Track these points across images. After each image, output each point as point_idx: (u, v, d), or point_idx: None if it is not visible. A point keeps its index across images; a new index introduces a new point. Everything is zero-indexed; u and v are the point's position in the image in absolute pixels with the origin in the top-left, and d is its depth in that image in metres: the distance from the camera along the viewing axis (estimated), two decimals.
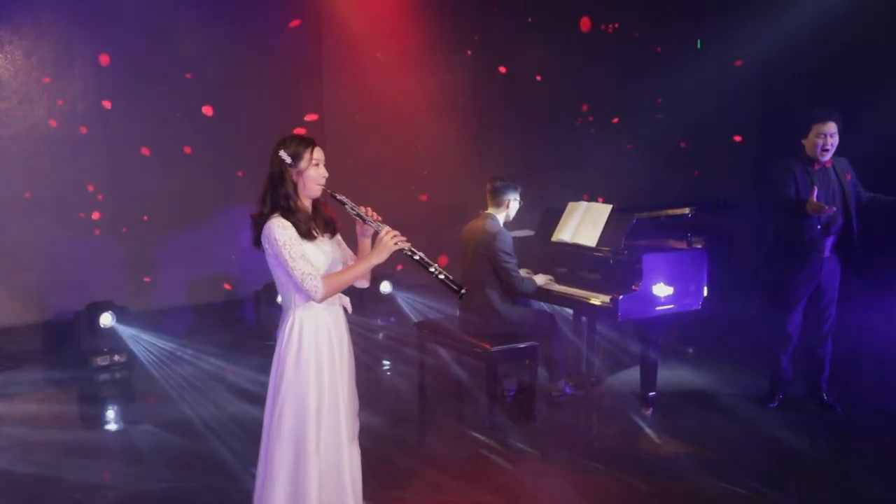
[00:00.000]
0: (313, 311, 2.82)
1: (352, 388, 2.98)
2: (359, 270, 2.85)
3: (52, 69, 6.35)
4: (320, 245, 2.83)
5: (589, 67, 8.16)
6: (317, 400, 2.78)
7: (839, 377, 5.30)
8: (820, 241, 4.73)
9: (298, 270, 2.71)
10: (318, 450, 2.78)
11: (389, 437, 4.55)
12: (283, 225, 2.74)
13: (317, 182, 2.84)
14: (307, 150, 2.83)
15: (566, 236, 5.30)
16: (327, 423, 2.81)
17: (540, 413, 4.90)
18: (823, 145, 4.66)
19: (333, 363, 2.84)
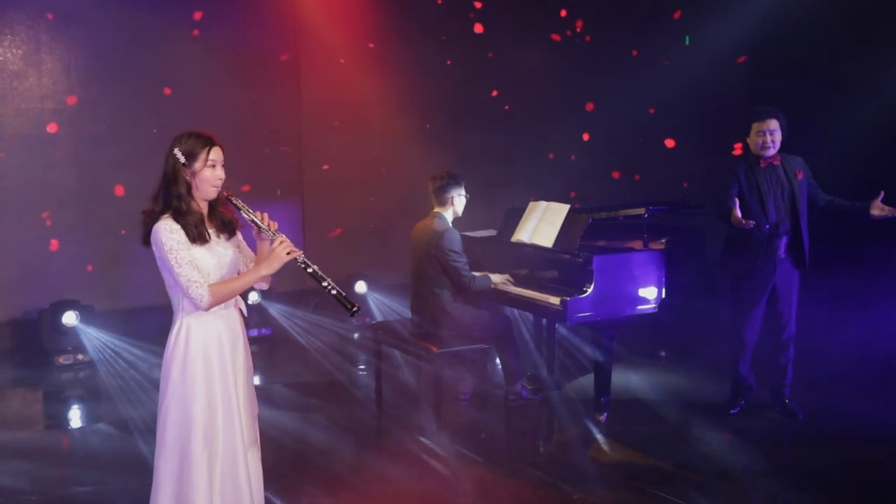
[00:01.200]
0: (202, 317, 2.72)
1: (249, 393, 2.89)
2: (247, 280, 2.74)
3: (20, 65, 6.36)
4: (213, 248, 2.73)
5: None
6: (205, 408, 2.68)
7: (807, 382, 5.17)
8: (770, 242, 4.59)
9: (184, 277, 2.61)
10: (206, 459, 2.67)
11: (331, 442, 4.48)
12: (171, 228, 2.63)
13: (211, 184, 2.73)
14: (203, 149, 2.72)
15: (525, 236, 5.18)
16: (223, 431, 2.71)
17: (491, 417, 4.81)
18: (763, 143, 4.55)
19: (225, 369, 2.74)
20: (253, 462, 2.87)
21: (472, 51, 8.13)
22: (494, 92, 8.27)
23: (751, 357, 4.86)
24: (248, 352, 2.91)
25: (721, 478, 4.01)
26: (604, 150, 8.36)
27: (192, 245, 2.66)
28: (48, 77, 6.48)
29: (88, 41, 6.57)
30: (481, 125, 8.12)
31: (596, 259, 4.53)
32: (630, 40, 8.36)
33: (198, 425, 2.66)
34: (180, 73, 6.96)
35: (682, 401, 5.14)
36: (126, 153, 6.69)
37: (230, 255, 2.79)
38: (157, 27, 6.82)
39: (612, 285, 4.55)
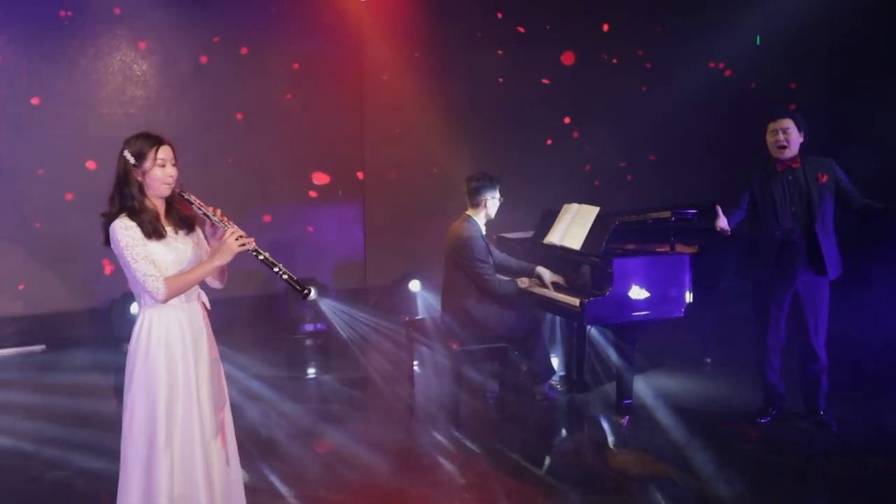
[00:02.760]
0: (163, 310, 2.83)
1: (214, 386, 2.96)
2: (202, 271, 2.84)
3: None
4: (171, 244, 2.85)
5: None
6: (167, 398, 2.80)
7: (845, 393, 4.99)
8: (786, 249, 4.47)
9: (140, 272, 2.73)
10: (169, 447, 2.79)
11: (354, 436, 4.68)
12: (126, 226, 2.76)
13: (163, 182, 2.84)
14: (151, 149, 2.82)
15: (555, 238, 5.23)
16: (181, 421, 2.81)
17: (513, 416, 4.88)
18: (777, 142, 4.44)
19: (187, 360, 2.85)
20: (215, 453, 2.93)
21: (525, 57, 8.26)
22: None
23: (779, 365, 4.73)
24: (212, 344, 2.99)
25: (734, 488, 3.94)
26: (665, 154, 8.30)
27: (148, 241, 2.79)
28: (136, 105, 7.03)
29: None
30: (535, 127, 8.24)
31: (616, 262, 4.53)
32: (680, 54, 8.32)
33: (161, 413, 2.78)
34: (252, 84, 7.42)
35: (714, 408, 5.07)
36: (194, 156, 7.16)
37: (189, 251, 2.90)
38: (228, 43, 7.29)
39: (633, 288, 4.54)
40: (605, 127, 8.28)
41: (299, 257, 7.75)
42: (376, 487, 3.95)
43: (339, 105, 7.86)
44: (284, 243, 7.71)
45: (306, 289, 2.87)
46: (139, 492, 2.80)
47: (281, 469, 4.15)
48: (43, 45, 6.62)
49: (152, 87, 7.11)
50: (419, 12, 7.93)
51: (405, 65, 7.97)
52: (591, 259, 4.75)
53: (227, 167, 7.38)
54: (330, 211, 7.93)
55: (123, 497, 2.83)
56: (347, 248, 8.08)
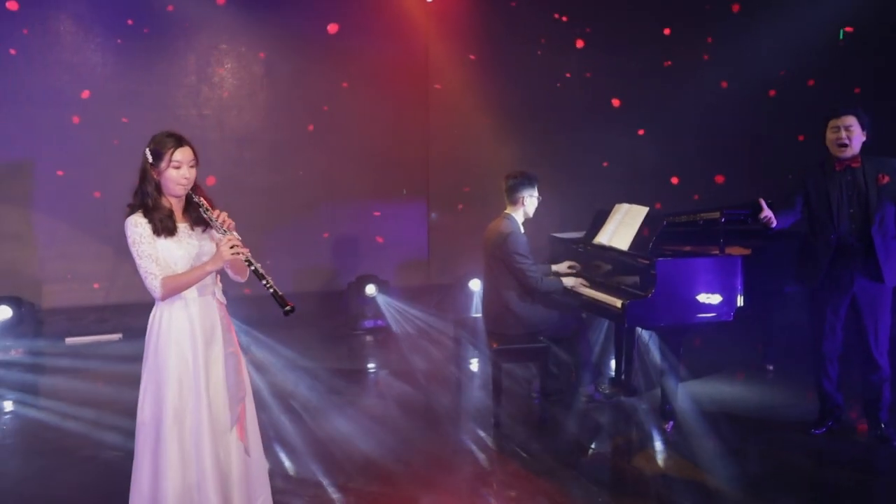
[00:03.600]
0: (175, 304, 2.92)
1: (231, 379, 3.01)
2: (197, 274, 2.89)
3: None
4: (182, 241, 2.93)
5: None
6: (176, 390, 2.88)
7: None
8: (843, 252, 4.25)
9: (143, 269, 2.84)
10: (176, 437, 2.87)
11: (396, 430, 4.75)
12: (137, 223, 2.86)
13: (177, 182, 2.90)
14: (168, 151, 2.89)
15: (604, 238, 5.15)
16: (191, 414, 2.88)
17: (555, 416, 4.83)
18: (839, 139, 4.21)
19: (197, 355, 2.91)
20: (233, 444, 3.00)
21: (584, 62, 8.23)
22: (616, 101, 8.26)
23: (836, 374, 4.51)
24: (229, 339, 3.04)
25: (774, 501, 3.80)
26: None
27: (157, 238, 2.87)
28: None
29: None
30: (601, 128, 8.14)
31: (659, 262, 4.42)
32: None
33: (168, 405, 2.88)
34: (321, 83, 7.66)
35: (769, 417, 4.88)
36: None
37: (206, 247, 2.98)
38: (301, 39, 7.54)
39: (676, 290, 4.42)
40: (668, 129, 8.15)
41: (364, 254, 7.92)
42: (405, 482, 3.98)
43: (404, 105, 7.97)
44: (349, 240, 7.89)
45: (288, 305, 2.88)
46: (148, 480, 2.91)
47: (312, 459, 4.24)
48: (128, 49, 7.00)
49: (226, 89, 7.41)
50: (481, 14, 7.97)
51: (467, 67, 8.04)
52: (638, 260, 4.65)
53: (295, 166, 7.61)
54: (394, 209, 8.04)
55: (135, 484, 2.95)
56: (412, 246, 8.18)
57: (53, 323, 6.80)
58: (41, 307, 6.78)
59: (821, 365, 4.50)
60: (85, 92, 6.84)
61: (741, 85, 8.17)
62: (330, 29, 7.58)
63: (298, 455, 4.30)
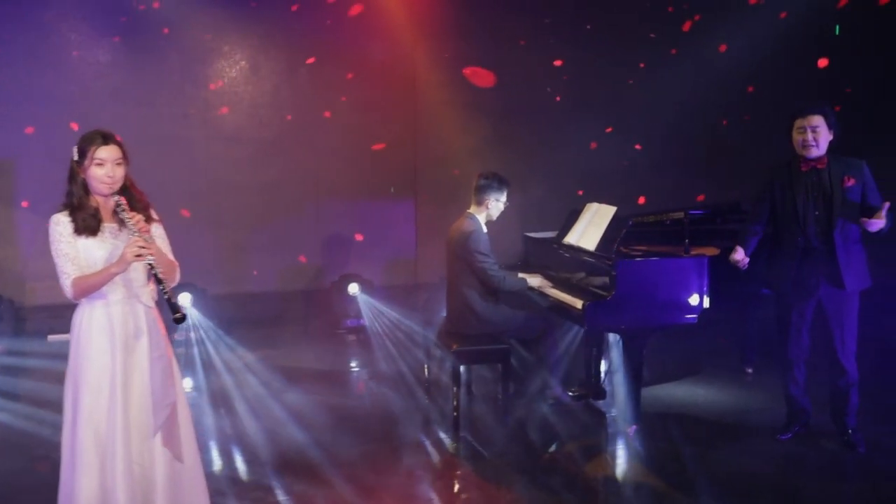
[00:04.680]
0: (95, 306, 2.89)
1: (155, 385, 2.94)
2: (104, 275, 2.83)
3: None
4: (106, 241, 2.88)
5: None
6: (94, 392, 2.85)
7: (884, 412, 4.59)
8: (809, 255, 4.16)
9: (59, 268, 2.81)
10: (91, 437, 2.83)
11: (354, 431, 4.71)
12: (58, 221, 2.84)
13: (100, 181, 2.85)
14: (91, 148, 2.84)
15: (573, 238, 5.08)
16: (107, 417, 2.84)
17: (520, 420, 4.77)
18: (804, 140, 4.09)
19: (115, 359, 2.87)
20: (157, 452, 2.95)
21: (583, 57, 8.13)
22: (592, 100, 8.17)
23: (804, 378, 4.40)
24: (157, 344, 2.98)
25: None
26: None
27: (79, 237, 2.84)
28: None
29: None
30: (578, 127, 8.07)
31: (620, 264, 4.34)
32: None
33: (83, 407, 2.85)
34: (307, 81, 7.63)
35: (738, 422, 4.78)
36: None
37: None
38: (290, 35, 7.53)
39: (637, 292, 4.33)
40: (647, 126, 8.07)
41: (350, 252, 7.89)
42: (355, 485, 3.92)
43: (392, 102, 7.93)
44: (336, 238, 7.86)
45: (179, 313, 2.79)
46: (68, 482, 2.89)
47: (265, 461, 4.21)
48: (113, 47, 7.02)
49: (210, 87, 7.41)
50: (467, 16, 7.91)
51: (456, 65, 7.98)
52: (602, 260, 4.57)
53: (281, 164, 7.58)
54: (381, 208, 8.00)
55: (61, 485, 2.94)
56: (399, 244, 8.13)
57: (36, 320, 6.84)
58: (24, 305, 6.82)
59: (787, 369, 4.40)
60: (69, 90, 6.86)
61: (718, 83, 8.01)
62: (315, 27, 7.56)
63: (250, 459, 4.27)
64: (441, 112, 7.98)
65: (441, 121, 7.99)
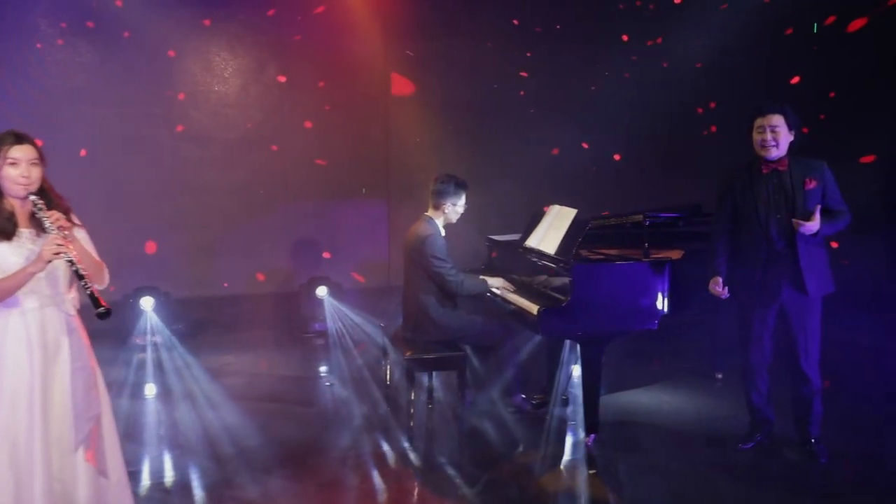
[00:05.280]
0: (12, 314, 2.76)
1: (77, 396, 2.82)
2: (19, 278, 2.71)
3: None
4: (22, 246, 2.77)
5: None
6: (10, 405, 2.72)
7: (850, 422, 4.47)
8: (771, 260, 4.02)
9: None
10: (9, 455, 2.71)
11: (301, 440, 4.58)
12: None
13: (14, 182, 2.75)
14: (3, 147, 2.74)
15: (534, 241, 4.95)
16: (24, 430, 2.71)
17: (477, 428, 4.64)
18: (763, 140, 3.96)
19: (33, 369, 2.74)
20: (80, 467, 2.83)
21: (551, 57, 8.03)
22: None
23: (766, 386, 4.28)
24: (79, 354, 2.87)
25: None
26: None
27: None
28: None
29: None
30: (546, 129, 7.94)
31: (576, 268, 4.21)
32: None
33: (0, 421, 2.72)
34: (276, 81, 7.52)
35: (701, 430, 4.65)
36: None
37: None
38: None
39: (594, 297, 4.20)
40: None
41: (321, 255, 7.76)
42: (299, 496, 3.80)
43: (363, 101, 7.80)
44: (306, 240, 7.73)
45: (103, 306, 2.67)
46: None
47: (203, 467, 4.08)
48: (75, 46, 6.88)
49: (176, 86, 7.27)
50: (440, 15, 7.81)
51: (428, 66, 7.86)
52: (560, 264, 4.44)
53: (249, 165, 7.45)
54: (353, 209, 7.86)
55: None
56: (372, 246, 8.00)
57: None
58: None
59: (749, 377, 4.28)
60: (29, 89, 6.71)
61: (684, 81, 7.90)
62: (284, 25, 7.43)
63: (186, 470, 4.13)
64: (414, 112, 7.86)
65: (414, 121, 7.87)
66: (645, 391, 5.39)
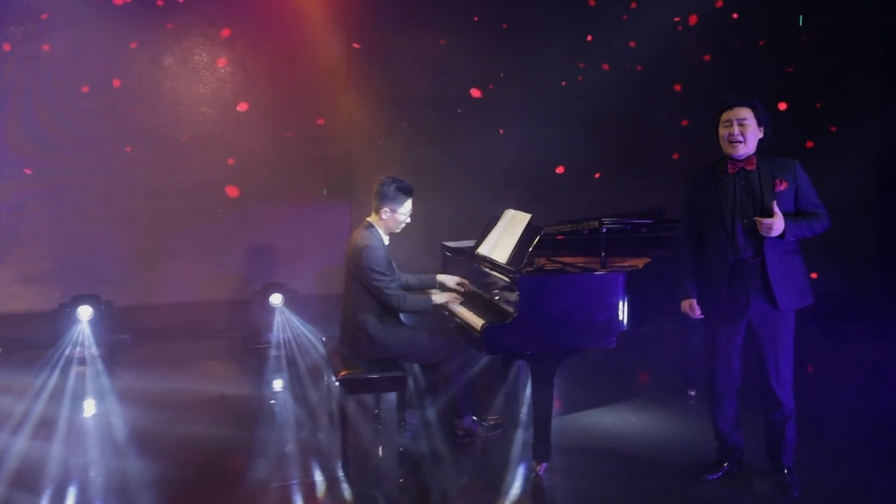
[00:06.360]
0: None
1: None
2: None
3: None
4: None
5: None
6: None
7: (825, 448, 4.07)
8: (738, 270, 3.61)
9: None
10: None
11: (220, 466, 4.16)
12: None
13: None
14: None
15: (486, 249, 4.54)
16: None
17: (421, 454, 4.23)
18: (731, 135, 3.55)
19: None
20: None
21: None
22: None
23: (734, 410, 3.86)
24: None
25: None
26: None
27: None
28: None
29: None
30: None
31: (523, 280, 3.79)
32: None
33: None
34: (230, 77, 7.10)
35: (665, 456, 4.22)
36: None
37: None
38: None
39: (543, 312, 3.77)
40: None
41: (280, 259, 7.35)
42: None
43: (324, 98, 7.39)
44: (263, 244, 7.32)
45: None
46: None
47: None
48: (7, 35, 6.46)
49: (121, 79, 6.85)
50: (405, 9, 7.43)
51: (393, 60, 7.45)
52: (509, 275, 4.02)
53: (201, 164, 7.05)
54: (314, 211, 7.44)
55: None
56: (333, 250, 7.54)
57: None
58: None
59: (715, 401, 3.87)
60: None
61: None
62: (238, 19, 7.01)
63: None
64: (379, 109, 7.45)
65: (379, 118, 7.46)
66: (610, 410, 4.98)
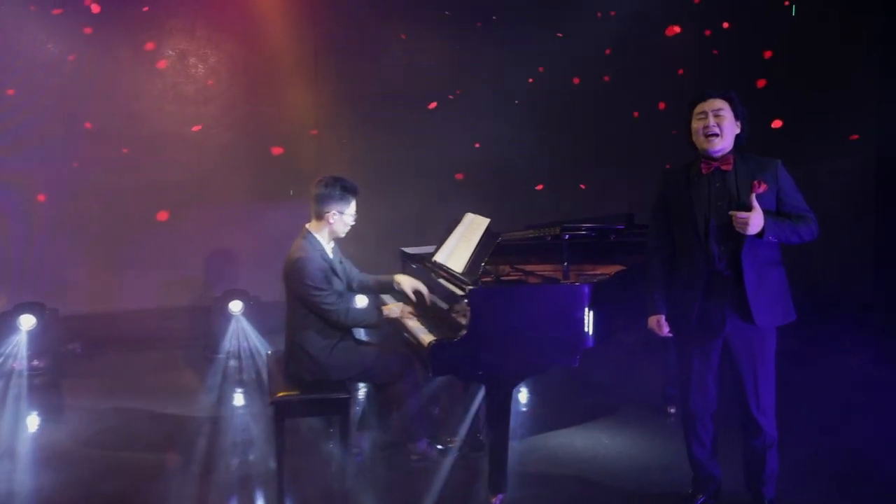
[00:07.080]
0: None
1: None
2: None
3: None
4: None
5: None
6: None
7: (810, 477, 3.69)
8: (714, 282, 3.23)
9: None
10: None
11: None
12: None
13: None
14: None
15: (442, 256, 4.16)
16: None
17: (366, 480, 3.85)
18: (706, 127, 3.18)
19: None
20: None
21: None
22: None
23: (710, 437, 3.47)
24: None
25: None
26: None
27: None
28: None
29: None
30: None
31: (473, 293, 3.41)
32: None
33: None
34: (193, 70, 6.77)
35: (635, 485, 3.84)
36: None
37: None
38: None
39: (497, 329, 3.39)
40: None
41: (241, 265, 6.98)
42: None
43: (290, 95, 7.06)
44: (225, 248, 6.96)
45: None
46: None
47: None
48: None
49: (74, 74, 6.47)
50: None
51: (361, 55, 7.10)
52: (462, 287, 3.63)
53: (161, 164, 6.68)
54: (279, 213, 7.05)
55: None
56: None
57: None
58: None
59: (689, 426, 3.48)
60: None
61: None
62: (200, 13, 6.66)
63: None
64: (347, 107, 7.08)
65: (347, 116, 7.09)
66: (581, 430, 4.59)
